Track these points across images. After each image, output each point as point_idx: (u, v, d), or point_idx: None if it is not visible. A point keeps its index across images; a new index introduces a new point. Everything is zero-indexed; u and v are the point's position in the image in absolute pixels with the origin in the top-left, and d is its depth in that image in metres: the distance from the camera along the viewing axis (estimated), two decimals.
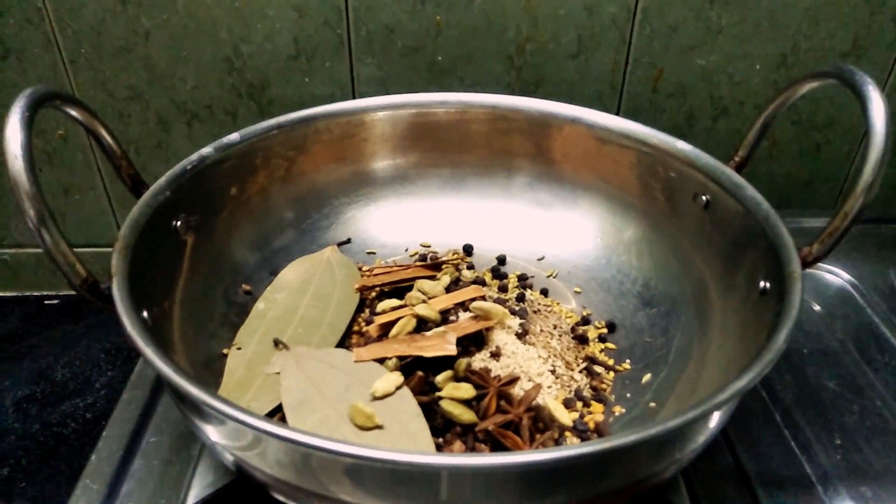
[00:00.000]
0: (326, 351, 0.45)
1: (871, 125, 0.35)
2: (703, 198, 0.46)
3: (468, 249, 0.58)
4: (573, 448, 0.27)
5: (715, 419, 0.32)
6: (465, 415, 0.40)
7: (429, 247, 0.59)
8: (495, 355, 0.45)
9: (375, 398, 0.40)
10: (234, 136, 0.48)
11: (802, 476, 0.41)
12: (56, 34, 0.60)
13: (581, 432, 0.42)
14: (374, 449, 0.28)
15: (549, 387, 0.44)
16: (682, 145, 0.48)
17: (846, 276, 0.54)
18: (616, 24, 0.61)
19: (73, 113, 0.39)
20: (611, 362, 0.48)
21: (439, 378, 0.42)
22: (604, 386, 0.46)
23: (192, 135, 0.66)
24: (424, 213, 0.59)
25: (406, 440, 0.37)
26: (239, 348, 0.46)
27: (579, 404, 0.44)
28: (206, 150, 0.46)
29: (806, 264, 0.37)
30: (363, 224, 0.58)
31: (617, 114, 0.65)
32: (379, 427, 0.38)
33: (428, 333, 0.45)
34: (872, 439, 0.42)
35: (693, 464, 0.36)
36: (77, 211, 0.70)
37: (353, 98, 0.64)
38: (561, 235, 0.56)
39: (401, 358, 0.43)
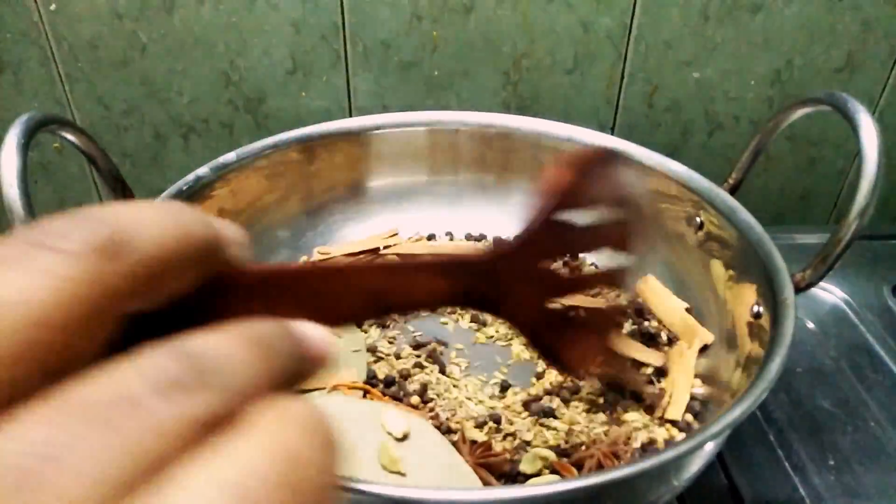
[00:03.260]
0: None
1: (863, 152, 0.35)
2: (697, 219, 0.46)
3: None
4: (569, 482, 0.27)
5: (709, 447, 0.32)
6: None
7: None
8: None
9: (398, 439, 0.38)
10: (230, 156, 0.48)
11: (796, 497, 0.41)
12: (53, 48, 0.60)
13: None
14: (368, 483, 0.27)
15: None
16: (676, 166, 0.48)
17: (840, 293, 0.54)
18: (611, 40, 0.61)
19: (71, 137, 0.39)
20: None
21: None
22: None
23: (188, 148, 0.66)
24: (420, 230, 0.59)
25: (447, 475, 0.36)
26: None
27: None
28: (202, 170, 0.46)
29: (799, 290, 0.37)
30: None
31: (612, 128, 0.66)
32: (401, 474, 0.36)
33: None
34: (865, 460, 0.43)
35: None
36: None
37: (350, 112, 0.64)
38: None
39: None
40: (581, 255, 0.43)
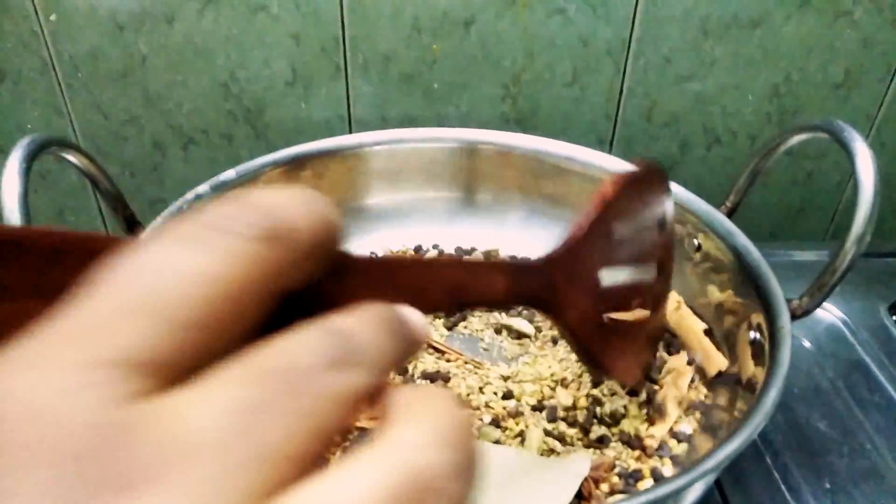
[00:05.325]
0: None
1: (859, 181, 0.35)
2: (696, 242, 0.47)
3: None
4: None
5: (704, 481, 0.32)
6: None
7: None
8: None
9: None
10: (229, 174, 0.48)
11: None
12: (53, 59, 0.60)
13: None
14: None
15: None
16: (674, 187, 0.48)
17: (837, 311, 0.54)
18: (611, 55, 0.61)
19: (72, 159, 0.40)
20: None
21: None
22: None
23: (187, 158, 0.66)
24: (423, 246, 0.59)
25: None
26: None
27: None
28: (202, 188, 0.46)
29: (795, 317, 0.37)
30: None
31: (611, 142, 0.66)
32: None
33: None
34: (861, 483, 0.43)
35: None
36: None
37: (350, 123, 0.64)
38: None
39: None
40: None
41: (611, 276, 0.30)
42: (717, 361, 0.46)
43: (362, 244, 0.58)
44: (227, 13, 0.58)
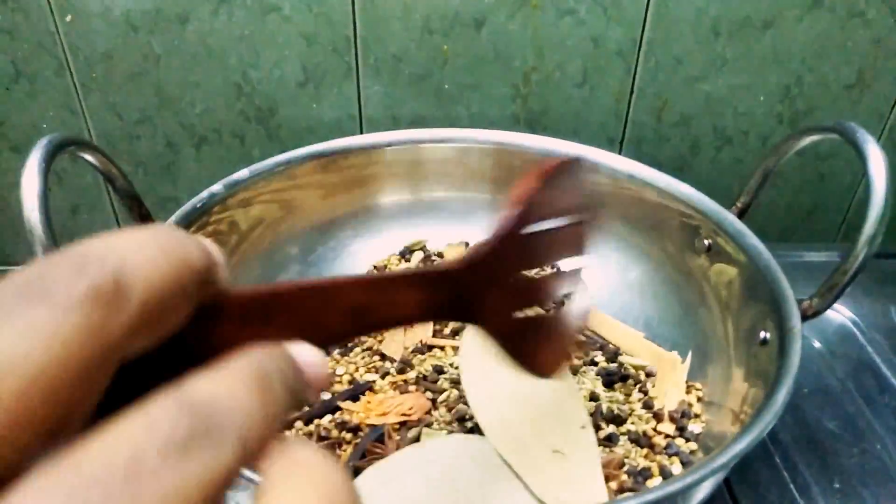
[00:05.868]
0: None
1: (871, 183, 0.35)
2: (706, 242, 0.47)
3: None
4: None
5: (714, 479, 0.32)
6: None
7: None
8: None
9: None
10: (243, 173, 0.48)
11: None
12: (68, 59, 0.61)
13: None
14: None
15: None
16: (684, 188, 0.48)
17: (847, 312, 0.54)
18: (621, 55, 0.62)
19: (89, 158, 0.40)
20: None
21: None
22: None
23: (200, 157, 0.67)
24: (431, 247, 0.59)
25: None
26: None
27: None
28: (216, 187, 0.47)
29: (806, 317, 0.37)
30: (369, 257, 0.59)
31: (621, 142, 0.66)
32: None
33: None
34: (871, 483, 0.43)
35: None
36: (85, 230, 0.71)
37: (361, 123, 0.65)
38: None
39: None
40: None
41: (531, 275, 0.28)
42: (671, 359, 0.47)
43: (374, 243, 0.58)
44: (240, 14, 0.59)
